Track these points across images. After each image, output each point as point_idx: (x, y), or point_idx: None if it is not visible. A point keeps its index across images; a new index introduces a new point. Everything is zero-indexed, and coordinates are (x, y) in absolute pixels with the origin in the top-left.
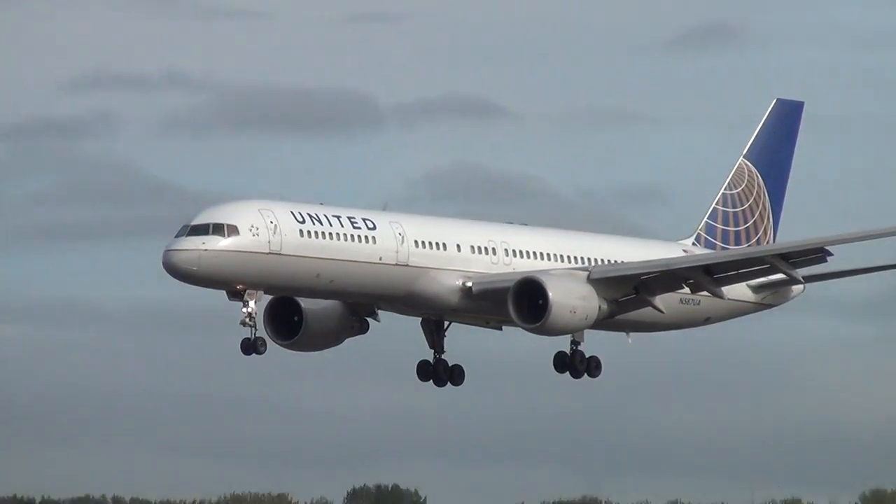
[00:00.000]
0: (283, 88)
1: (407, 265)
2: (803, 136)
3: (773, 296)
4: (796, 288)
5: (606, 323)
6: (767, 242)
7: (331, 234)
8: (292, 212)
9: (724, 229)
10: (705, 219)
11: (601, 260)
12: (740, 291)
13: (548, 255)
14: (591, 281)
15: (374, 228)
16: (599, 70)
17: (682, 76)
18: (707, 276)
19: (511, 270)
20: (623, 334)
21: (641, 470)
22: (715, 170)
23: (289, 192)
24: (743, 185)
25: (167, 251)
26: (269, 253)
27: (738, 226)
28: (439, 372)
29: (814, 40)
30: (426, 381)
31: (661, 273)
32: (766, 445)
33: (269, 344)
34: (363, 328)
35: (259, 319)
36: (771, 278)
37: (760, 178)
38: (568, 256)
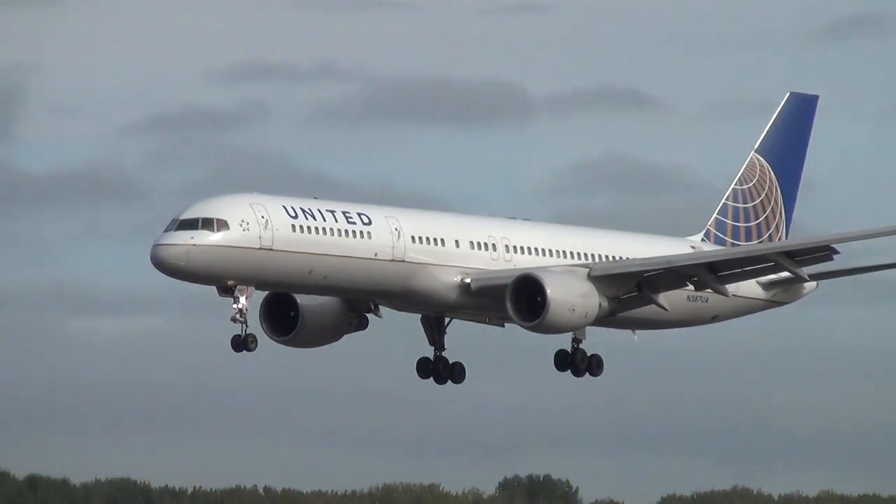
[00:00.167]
0: (433, 79)
1: (403, 261)
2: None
3: (784, 293)
4: (809, 285)
5: (611, 320)
6: (780, 239)
7: (324, 229)
8: (284, 206)
9: (734, 225)
10: (715, 214)
11: (604, 256)
12: (750, 289)
13: (550, 251)
14: (592, 278)
15: (370, 223)
16: (750, 60)
17: (835, 64)
18: (711, 273)
19: (512, 267)
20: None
21: (789, 460)
22: (877, 159)
23: (436, 183)
24: (754, 181)
25: (155, 246)
26: (260, 248)
27: (749, 221)
28: (439, 369)
29: None
30: (426, 378)
31: (664, 270)
32: None
33: (274, 338)
34: (362, 324)
35: (255, 315)
36: (781, 275)
37: (773, 172)
38: (571, 253)
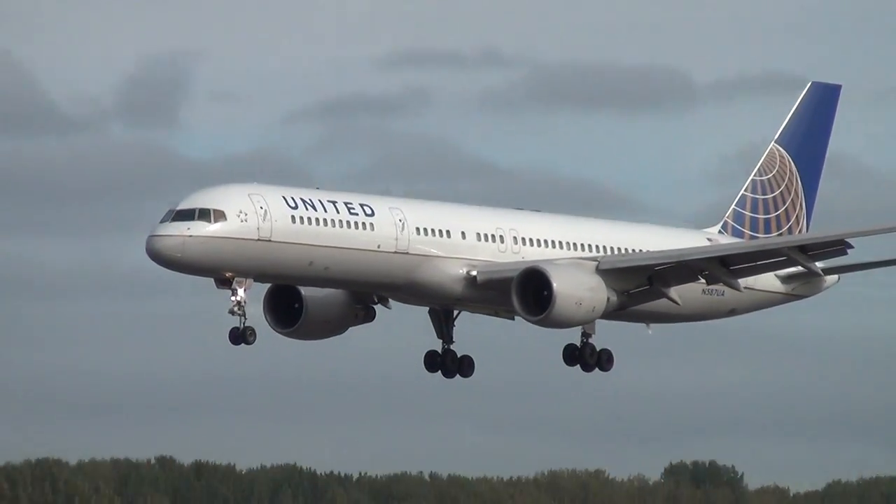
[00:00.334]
0: (597, 65)
1: (407, 253)
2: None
3: (803, 286)
4: (830, 279)
5: (623, 314)
6: (800, 231)
7: (325, 220)
8: (284, 197)
9: (752, 217)
10: (733, 206)
11: (615, 248)
12: (768, 282)
13: (559, 243)
14: (600, 271)
15: (373, 215)
16: None
17: None
18: (723, 267)
19: (520, 259)
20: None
21: None
22: None
23: (599, 170)
24: (774, 172)
25: (150, 237)
26: (259, 240)
27: (769, 213)
28: (447, 363)
29: None
30: (434, 372)
31: (675, 264)
32: None
33: (277, 330)
34: (369, 316)
35: (258, 307)
36: (798, 269)
37: (793, 164)
38: (581, 245)
